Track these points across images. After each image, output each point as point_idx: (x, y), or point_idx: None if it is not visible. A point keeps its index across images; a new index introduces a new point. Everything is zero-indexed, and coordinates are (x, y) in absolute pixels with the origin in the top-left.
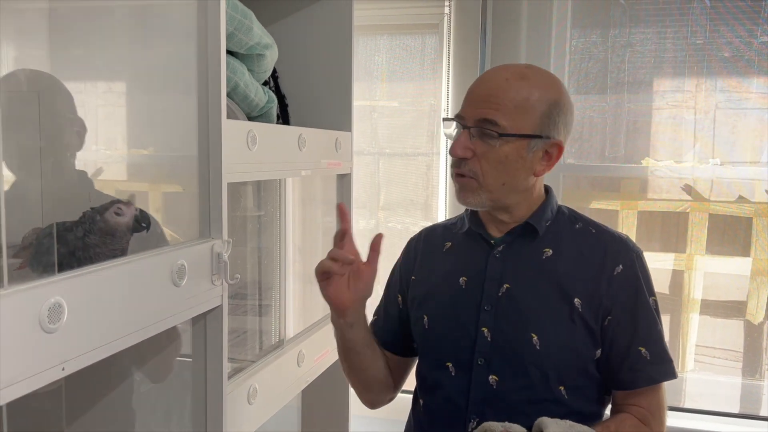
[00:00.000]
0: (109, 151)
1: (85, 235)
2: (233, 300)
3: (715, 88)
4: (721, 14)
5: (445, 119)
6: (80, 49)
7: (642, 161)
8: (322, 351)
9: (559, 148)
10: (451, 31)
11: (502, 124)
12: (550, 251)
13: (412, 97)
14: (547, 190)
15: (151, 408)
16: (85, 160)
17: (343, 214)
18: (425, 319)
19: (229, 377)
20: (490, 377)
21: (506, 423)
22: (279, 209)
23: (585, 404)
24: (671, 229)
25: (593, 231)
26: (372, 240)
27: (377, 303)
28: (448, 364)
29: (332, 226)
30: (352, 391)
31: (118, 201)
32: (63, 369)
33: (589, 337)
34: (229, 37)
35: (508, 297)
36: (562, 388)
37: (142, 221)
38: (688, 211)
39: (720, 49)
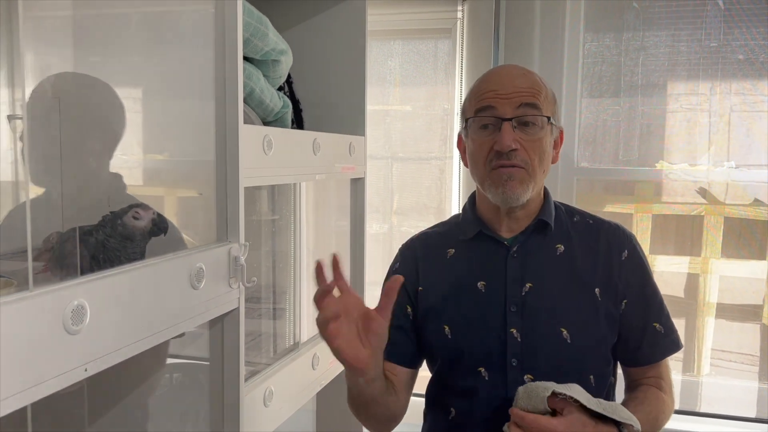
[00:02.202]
0: (125, 157)
1: (106, 239)
2: (247, 303)
3: (729, 91)
4: (735, 16)
5: (468, 118)
6: (100, 56)
7: (656, 164)
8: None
9: (561, 136)
10: (464, 35)
11: (540, 107)
12: (562, 246)
13: (425, 102)
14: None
15: (168, 410)
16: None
17: (336, 268)
18: (446, 329)
19: (245, 380)
20: (526, 377)
21: (545, 383)
22: (293, 213)
23: (604, 387)
24: (686, 233)
25: (590, 222)
26: (386, 286)
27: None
28: (480, 369)
29: (345, 230)
30: None
31: (137, 205)
32: (85, 370)
33: (611, 324)
34: (244, 42)
35: (532, 296)
36: (591, 377)
37: (160, 225)
38: (703, 214)
39: (734, 52)
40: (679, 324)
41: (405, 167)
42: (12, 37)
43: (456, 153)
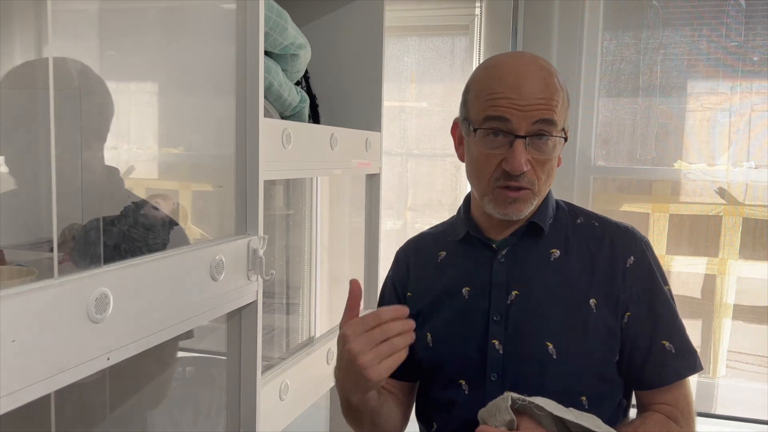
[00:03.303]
0: (140, 150)
1: (129, 229)
2: (263, 298)
3: (750, 90)
4: (757, 15)
5: (477, 128)
6: (123, 49)
7: (674, 164)
8: None
9: (567, 134)
10: (482, 32)
11: (558, 122)
12: (558, 252)
13: (441, 99)
14: None
15: (182, 403)
16: (118, 159)
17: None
18: (428, 337)
19: (262, 373)
20: (505, 394)
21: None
22: (309, 208)
23: (607, 412)
24: (704, 233)
25: (596, 224)
26: (349, 291)
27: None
28: (460, 381)
29: (360, 226)
30: None
31: (157, 195)
32: (108, 359)
33: (609, 340)
34: (264, 36)
35: (518, 305)
36: (583, 398)
37: (180, 215)
38: (721, 214)
39: (756, 51)
40: (695, 325)
41: (420, 164)
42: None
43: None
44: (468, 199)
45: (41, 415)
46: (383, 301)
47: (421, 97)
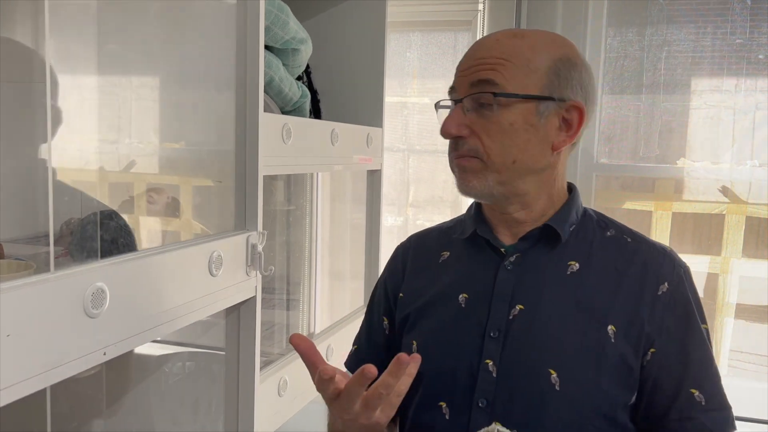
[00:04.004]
0: (142, 144)
1: (126, 223)
2: (262, 294)
3: (755, 88)
4: (762, 12)
5: (437, 105)
6: (123, 43)
7: (677, 162)
8: (350, 347)
9: (580, 112)
10: (485, 28)
11: (500, 83)
12: (577, 264)
13: (444, 94)
14: (571, 187)
15: (181, 398)
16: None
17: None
18: (414, 345)
19: (260, 369)
20: (494, 424)
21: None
22: (309, 204)
23: None
24: (707, 232)
25: (629, 240)
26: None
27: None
28: (441, 404)
29: (361, 222)
30: None
31: (151, 189)
32: (104, 354)
33: (624, 377)
34: (265, 31)
35: (521, 321)
36: None
37: (176, 210)
38: (724, 213)
39: (761, 48)
40: None
41: (421, 160)
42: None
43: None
44: None
45: (37, 409)
46: (372, 303)
47: (423, 93)
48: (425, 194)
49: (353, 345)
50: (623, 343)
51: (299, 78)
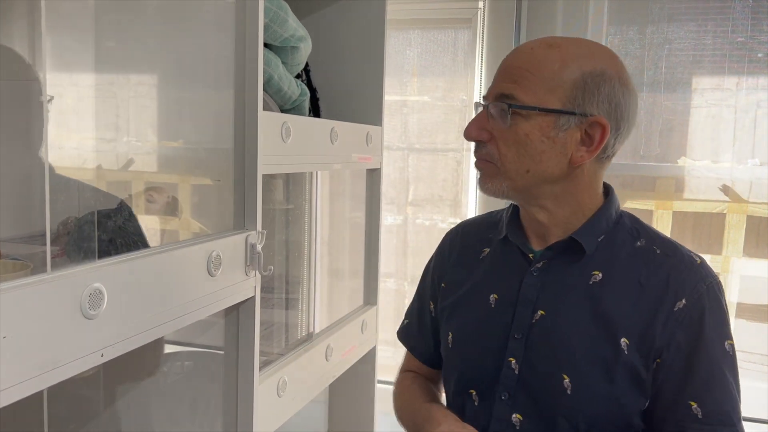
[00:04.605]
0: (140, 143)
1: (124, 223)
2: (261, 293)
3: (756, 87)
4: (763, 10)
5: (476, 104)
6: (120, 41)
7: (678, 160)
8: (350, 346)
9: (603, 129)
10: (485, 26)
11: (519, 97)
12: (600, 275)
13: (444, 92)
14: (608, 191)
15: (180, 398)
16: (117, 152)
17: None
18: (450, 336)
19: (260, 369)
20: (514, 416)
21: None
22: (308, 203)
23: None
24: (707, 231)
25: (658, 252)
26: None
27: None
28: (471, 391)
29: (360, 221)
30: (378, 387)
31: (151, 188)
32: (102, 355)
33: (635, 388)
34: (264, 28)
35: (541, 326)
36: None
37: (175, 209)
38: (725, 212)
39: (762, 47)
40: None
41: (421, 159)
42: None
43: (473, 145)
44: None
45: (34, 410)
46: (423, 283)
47: (423, 91)
48: (425, 193)
49: (405, 318)
50: (635, 355)
51: (298, 76)
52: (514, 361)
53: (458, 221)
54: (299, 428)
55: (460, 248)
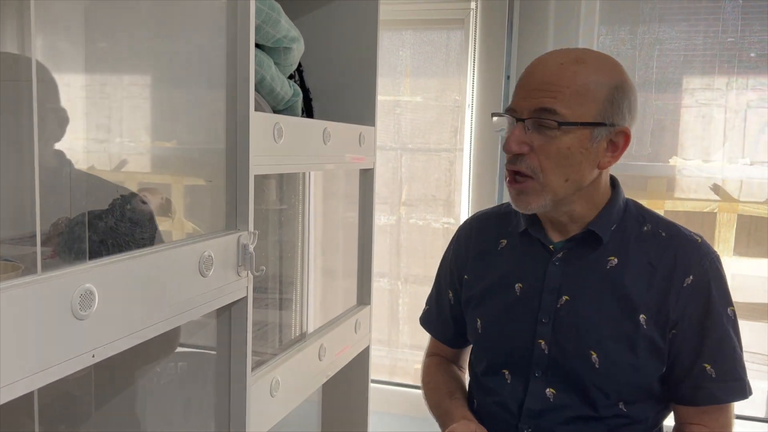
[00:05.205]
0: (133, 143)
1: (116, 224)
2: (254, 293)
3: (746, 87)
4: (753, 11)
5: (494, 114)
6: (111, 41)
7: (669, 160)
8: (343, 346)
9: (626, 136)
10: (477, 26)
11: (561, 112)
12: (615, 260)
13: (436, 93)
14: (614, 183)
15: (172, 399)
16: (110, 153)
17: None
18: (479, 322)
19: (252, 369)
20: (548, 390)
21: None
22: (302, 203)
23: (644, 413)
24: (698, 230)
25: (663, 234)
26: None
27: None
28: (504, 371)
29: (354, 221)
30: (371, 385)
31: (145, 189)
32: (93, 356)
33: (655, 357)
34: (256, 29)
35: (567, 310)
36: (621, 403)
37: (168, 210)
38: (715, 211)
39: (752, 47)
40: None
41: (414, 159)
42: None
43: (466, 145)
44: None
45: (24, 411)
46: (440, 275)
47: (415, 92)
48: (418, 193)
49: (426, 305)
50: (652, 329)
51: (291, 77)
52: (543, 343)
53: (451, 221)
54: (292, 428)
55: (477, 241)
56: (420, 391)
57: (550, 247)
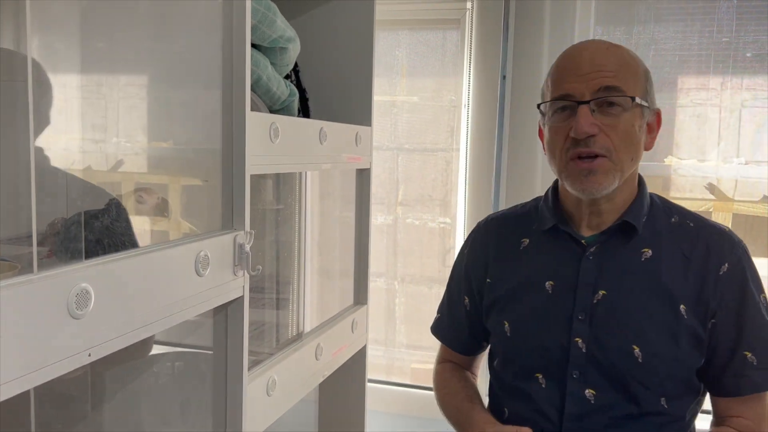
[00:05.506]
0: (129, 144)
1: (112, 223)
2: (251, 293)
3: (741, 86)
4: (748, 11)
5: (541, 103)
6: (107, 41)
7: (665, 159)
8: (340, 345)
9: (659, 118)
10: (473, 26)
11: (624, 89)
12: (650, 251)
13: (432, 93)
14: (638, 177)
15: (169, 398)
16: (106, 153)
17: None
18: (506, 325)
19: (249, 369)
20: (587, 391)
21: None
22: (298, 203)
23: (682, 409)
24: None
25: (691, 225)
26: None
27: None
28: (537, 375)
29: (350, 221)
30: (368, 385)
31: (141, 189)
32: (89, 355)
33: (696, 348)
34: (252, 29)
35: (604, 305)
36: (663, 399)
37: (164, 210)
38: (711, 210)
39: (746, 47)
40: None
41: (411, 159)
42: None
43: (463, 145)
44: (556, 187)
45: (21, 411)
46: (453, 281)
47: (412, 92)
48: (415, 193)
49: (437, 313)
50: (693, 318)
51: (287, 77)
52: (580, 341)
53: (448, 221)
54: (289, 428)
55: (497, 243)
56: (419, 391)
57: (582, 242)
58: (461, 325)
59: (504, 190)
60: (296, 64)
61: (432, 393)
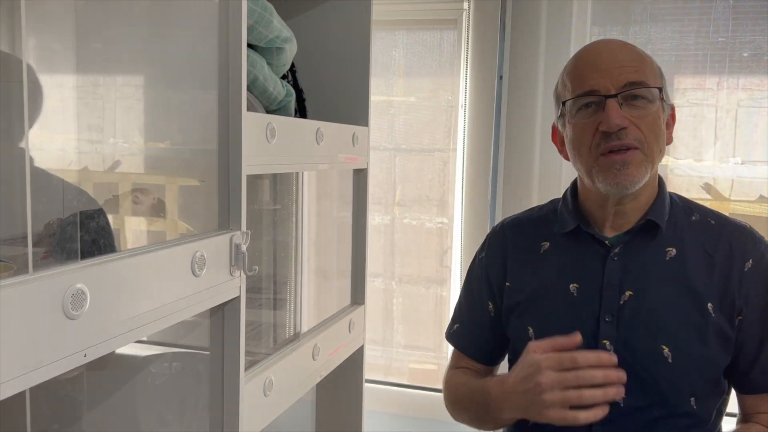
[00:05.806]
0: (126, 144)
1: (107, 224)
2: (248, 293)
3: (737, 86)
4: (744, 11)
5: (566, 100)
6: (102, 42)
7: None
8: (337, 345)
9: (673, 114)
10: (470, 26)
11: (649, 83)
12: (674, 250)
13: (429, 93)
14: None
15: (166, 399)
16: (103, 154)
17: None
18: (530, 330)
19: (245, 369)
20: None
21: None
22: (295, 203)
23: (709, 411)
24: None
25: (712, 222)
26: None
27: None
28: None
29: (347, 221)
30: (366, 385)
31: (137, 189)
32: (85, 356)
33: (724, 346)
34: (249, 29)
35: (631, 306)
36: (692, 399)
37: (160, 210)
38: None
39: (742, 47)
40: None
41: (408, 159)
42: (14, 23)
43: (460, 145)
44: (575, 188)
45: (16, 412)
46: (471, 286)
47: (409, 92)
48: (412, 193)
49: (454, 323)
50: (720, 316)
51: (284, 77)
52: (608, 343)
53: (445, 221)
54: (286, 428)
55: (515, 247)
56: (417, 392)
57: (606, 243)
58: (484, 332)
59: (501, 189)
60: (293, 65)
61: (431, 393)
